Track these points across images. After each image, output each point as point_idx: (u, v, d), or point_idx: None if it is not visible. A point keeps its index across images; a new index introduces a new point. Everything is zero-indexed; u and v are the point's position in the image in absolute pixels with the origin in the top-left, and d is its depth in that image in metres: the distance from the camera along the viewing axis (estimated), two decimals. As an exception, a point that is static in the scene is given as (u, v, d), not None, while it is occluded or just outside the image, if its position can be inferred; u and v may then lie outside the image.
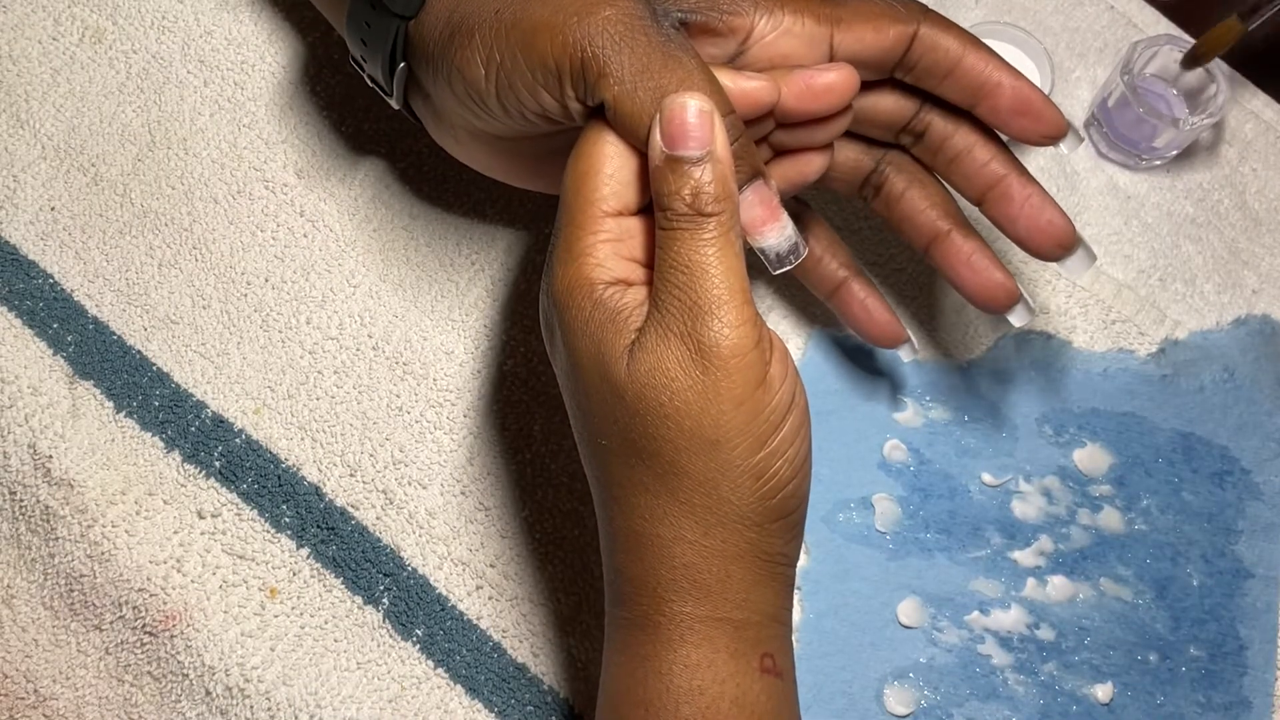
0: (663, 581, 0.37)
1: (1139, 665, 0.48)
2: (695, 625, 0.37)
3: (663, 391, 0.36)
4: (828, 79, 0.40)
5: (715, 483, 0.36)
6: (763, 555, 0.38)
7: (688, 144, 0.36)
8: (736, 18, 0.40)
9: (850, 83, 0.40)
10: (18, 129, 0.54)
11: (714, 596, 0.37)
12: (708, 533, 0.37)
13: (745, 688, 0.37)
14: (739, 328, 0.36)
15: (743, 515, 0.37)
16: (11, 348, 0.51)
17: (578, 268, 0.37)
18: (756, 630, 0.38)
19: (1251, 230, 0.55)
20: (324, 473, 0.50)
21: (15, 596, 0.48)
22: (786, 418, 0.37)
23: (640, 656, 0.38)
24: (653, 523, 0.37)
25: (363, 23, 0.43)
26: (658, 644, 0.38)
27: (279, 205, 0.53)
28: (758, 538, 0.37)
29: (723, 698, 0.37)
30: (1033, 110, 0.43)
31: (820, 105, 0.40)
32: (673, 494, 0.37)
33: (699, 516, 0.37)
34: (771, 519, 0.37)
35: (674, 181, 0.36)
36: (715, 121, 0.37)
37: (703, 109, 0.36)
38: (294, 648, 0.48)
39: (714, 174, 0.36)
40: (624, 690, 0.39)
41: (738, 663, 0.37)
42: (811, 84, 0.40)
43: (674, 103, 0.37)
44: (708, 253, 0.36)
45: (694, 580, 0.37)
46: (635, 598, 0.38)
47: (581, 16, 0.37)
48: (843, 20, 0.41)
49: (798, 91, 0.40)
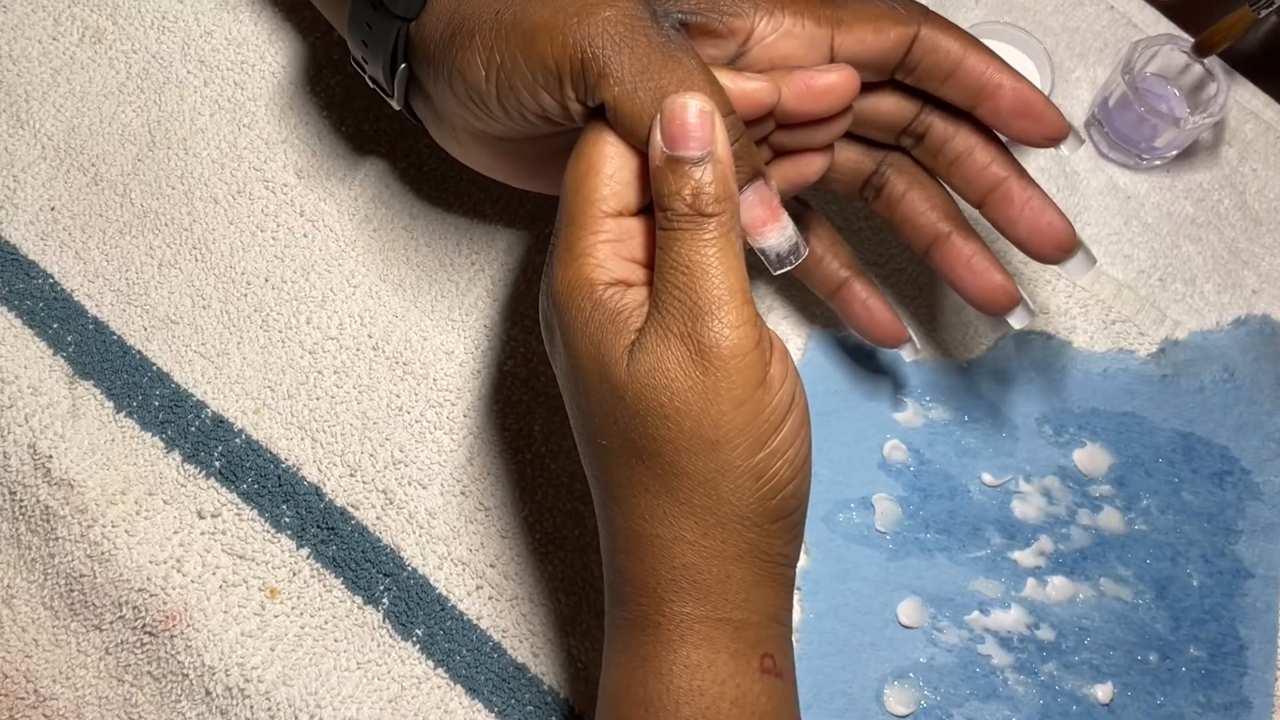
0: (663, 582, 0.37)
1: (1139, 665, 0.48)
2: (695, 626, 0.37)
3: (663, 392, 0.36)
4: (828, 80, 0.40)
5: (715, 483, 0.36)
6: (763, 555, 0.38)
7: (688, 144, 0.36)
8: (737, 19, 0.40)
9: (850, 84, 0.40)
10: (18, 129, 0.54)
11: (714, 597, 0.37)
12: (707, 533, 0.37)
13: (745, 688, 0.37)
14: (739, 328, 0.36)
15: (743, 516, 0.37)
16: (11, 348, 0.51)
17: (577, 268, 0.37)
18: (756, 631, 0.38)
19: (1251, 230, 0.55)
20: (324, 473, 0.50)
21: (15, 596, 0.48)
22: (786, 418, 0.37)
23: (640, 657, 0.38)
24: (652, 523, 0.37)
25: (364, 24, 0.43)
26: (658, 644, 0.38)
27: (279, 205, 0.53)
28: (758, 538, 0.37)
29: (723, 698, 0.37)
30: (1033, 112, 0.43)
31: (820, 106, 0.40)
32: (672, 494, 0.37)
33: (699, 517, 0.37)
34: (772, 519, 0.37)
35: (674, 182, 0.36)
36: (716, 122, 0.37)
37: (703, 109, 0.36)
38: (294, 648, 0.48)
39: (714, 174, 0.36)
40: (624, 690, 0.39)
41: (738, 663, 0.37)
42: (812, 85, 0.40)
43: (674, 103, 0.36)
44: (708, 253, 0.36)
45: (694, 581, 0.37)
46: (635, 598, 0.38)
47: (582, 17, 0.37)
48: (843, 22, 0.41)
49: (798, 92, 0.40)
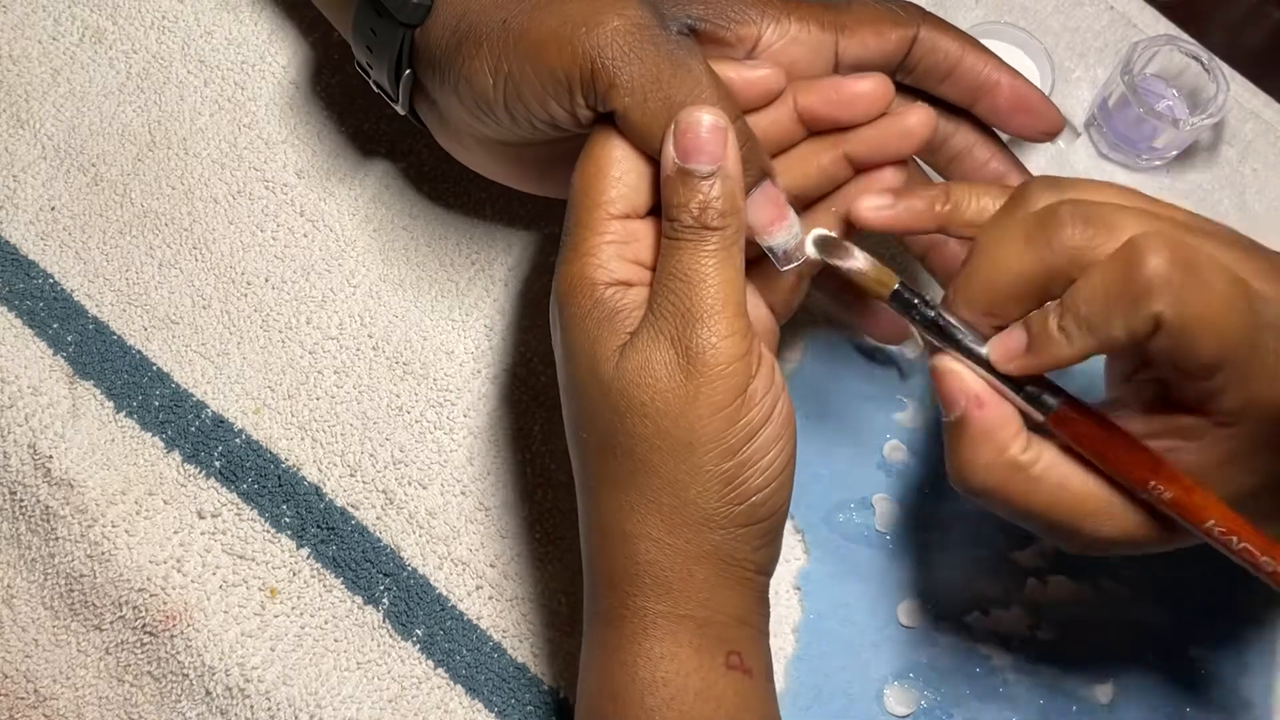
0: (628, 576, 0.38)
1: (1139, 665, 0.48)
2: (658, 620, 0.38)
3: (645, 390, 0.37)
4: (860, 87, 0.41)
5: (684, 484, 0.37)
6: (727, 559, 0.38)
7: (700, 158, 0.37)
8: (744, 27, 0.41)
9: (884, 89, 0.41)
10: (18, 129, 0.54)
11: (675, 593, 0.38)
12: (673, 531, 0.38)
13: (710, 681, 0.38)
14: (728, 338, 0.37)
15: (708, 518, 0.37)
16: (11, 348, 0.51)
17: (580, 267, 0.38)
18: (720, 629, 0.38)
19: (1251, 230, 0.54)
20: (324, 473, 0.50)
21: (15, 596, 0.48)
22: (762, 429, 0.38)
23: (609, 649, 0.39)
24: (621, 518, 0.38)
25: (368, 30, 0.43)
26: (623, 637, 0.38)
27: (279, 205, 0.53)
28: (722, 541, 0.38)
29: (686, 690, 0.37)
30: (1031, 107, 0.43)
31: (851, 113, 0.41)
32: (642, 491, 0.37)
33: (665, 515, 0.37)
34: (739, 524, 0.38)
35: (683, 193, 0.37)
36: (729, 138, 0.37)
37: (717, 125, 0.37)
38: (294, 648, 0.48)
39: (722, 190, 0.37)
40: (595, 681, 0.40)
41: (701, 657, 0.38)
42: (841, 91, 0.41)
43: (688, 117, 0.37)
44: (708, 264, 0.37)
45: (656, 577, 0.38)
46: (605, 591, 0.39)
47: (590, 27, 0.37)
48: (846, 26, 0.42)
49: (828, 99, 0.41)
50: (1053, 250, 0.34)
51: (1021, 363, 0.36)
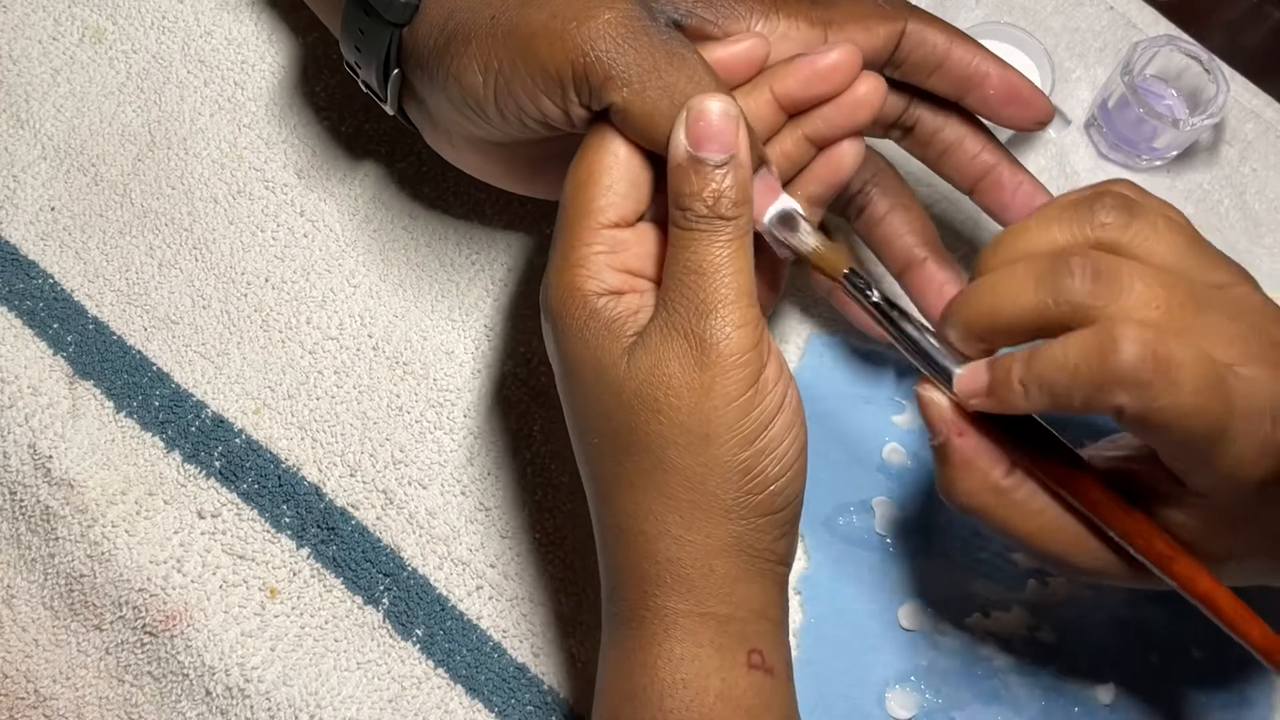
0: (647, 576, 0.38)
1: (1140, 666, 0.48)
2: (679, 619, 0.38)
3: (660, 388, 0.37)
4: (830, 59, 0.40)
5: (702, 477, 0.37)
6: (748, 550, 0.38)
7: (713, 146, 0.37)
8: (733, 23, 0.41)
9: (853, 58, 0.41)
10: (18, 129, 0.54)
11: (697, 591, 0.38)
12: (691, 527, 0.37)
13: (731, 682, 0.38)
14: (742, 328, 0.37)
15: (728, 509, 0.37)
16: (11, 348, 0.51)
17: (572, 277, 0.38)
18: (742, 625, 0.38)
19: (1251, 230, 0.55)
20: (324, 473, 0.50)
21: (15, 596, 0.48)
22: (776, 417, 0.37)
23: (627, 650, 0.39)
24: (638, 518, 0.38)
25: (356, 29, 0.43)
26: (643, 637, 0.38)
27: (279, 205, 0.53)
28: (743, 532, 0.38)
29: (707, 691, 0.37)
30: (1021, 97, 0.43)
31: (828, 86, 0.41)
32: (659, 489, 0.37)
33: (683, 511, 0.37)
34: (759, 514, 0.38)
35: (696, 183, 0.37)
36: (740, 126, 0.37)
37: (729, 112, 0.37)
38: (294, 648, 0.48)
39: (735, 179, 0.37)
40: (613, 683, 0.39)
41: (723, 657, 0.38)
42: (816, 66, 0.40)
43: (700, 104, 0.37)
44: (722, 254, 0.37)
45: (677, 575, 0.38)
46: (623, 592, 0.39)
47: (580, 21, 0.37)
48: (834, 22, 0.42)
49: (804, 78, 0.40)
50: (1056, 301, 0.34)
51: (980, 402, 0.37)
